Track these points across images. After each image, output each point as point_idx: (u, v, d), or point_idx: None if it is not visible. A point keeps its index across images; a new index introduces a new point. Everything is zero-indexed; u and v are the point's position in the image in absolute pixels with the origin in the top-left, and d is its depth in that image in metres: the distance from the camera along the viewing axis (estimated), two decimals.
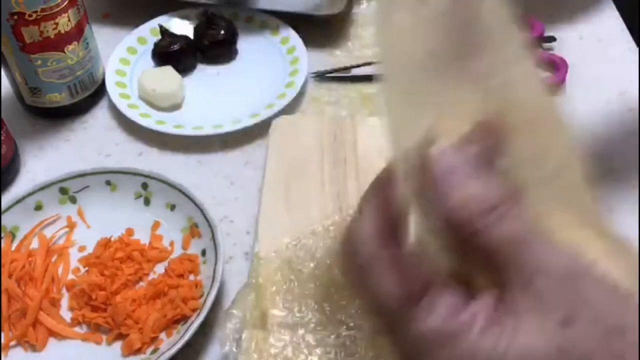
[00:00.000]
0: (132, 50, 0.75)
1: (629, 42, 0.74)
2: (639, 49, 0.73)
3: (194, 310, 0.52)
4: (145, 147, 0.68)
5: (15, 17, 0.61)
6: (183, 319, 0.52)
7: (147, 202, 0.60)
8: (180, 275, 0.55)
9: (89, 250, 0.58)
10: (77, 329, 0.54)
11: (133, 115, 0.68)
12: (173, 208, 0.59)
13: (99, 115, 0.72)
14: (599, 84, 0.69)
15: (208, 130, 0.67)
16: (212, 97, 0.72)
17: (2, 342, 0.53)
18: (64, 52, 0.66)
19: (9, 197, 0.61)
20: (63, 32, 0.64)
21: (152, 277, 0.56)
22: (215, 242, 0.55)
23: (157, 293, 0.54)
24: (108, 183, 0.61)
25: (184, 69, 0.74)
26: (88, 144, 0.69)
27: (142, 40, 0.76)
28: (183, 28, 0.77)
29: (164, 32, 0.75)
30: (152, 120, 0.68)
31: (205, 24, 0.75)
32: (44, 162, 0.68)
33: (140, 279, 0.56)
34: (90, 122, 0.71)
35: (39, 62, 0.65)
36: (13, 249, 0.58)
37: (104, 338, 0.53)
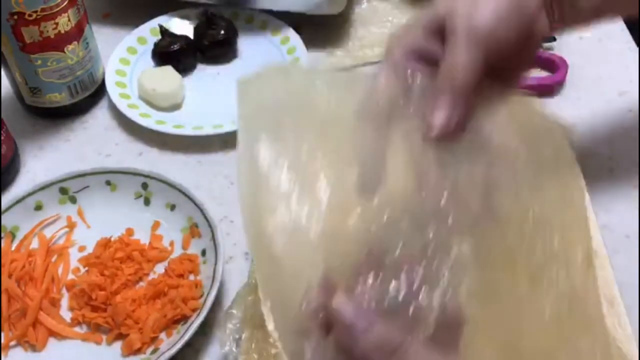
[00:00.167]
0: (132, 50, 0.75)
1: (629, 42, 0.74)
2: (639, 49, 0.73)
3: (194, 310, 0.52)
4: (145, 147, 0.68)
5: (15, 17, 0.61)
6: (183, 319, 0.52)
7: (147, 202, 0.60)
8: (180, 275, 0.55)
9: (89, 250, 0.58)
10: (77, 329, 0.54)
11: (133, 115, 0.68)
12: (173, 208, 0.59)
13: (99, 115, 0.72)
14: (599, 84, 0.69)
15: (208, 130, 0.67)
16: (212, 97, 0.72)
17: (2, 342, 0.53)
18: (64, 52, 0.66)
19: (9, 197, 0.61)
20: (63, 32, 0.64)
21: (152, 277, 0.56)
22: (215, 242, 0.55)
23: (157, 293, 0.54)
24: (108, 183, 0.61)
25: (184, 69, 0.74)
26: (88, 144, 0.69)
27: (142, 40, 0.76)
28: (183, 28, 0.77)
29: (164, 32, 0.75)
30: (152, 120, 0.68)
31: (205, 24, 0.75)
32: (44, 162, 0.68)
33: (140, 279, 0.56)
34: (90, 122, 0.71)
35: (39, 62, 0.65)
36: (13, 249, 0.58)
37: (104, 338, 0.53)
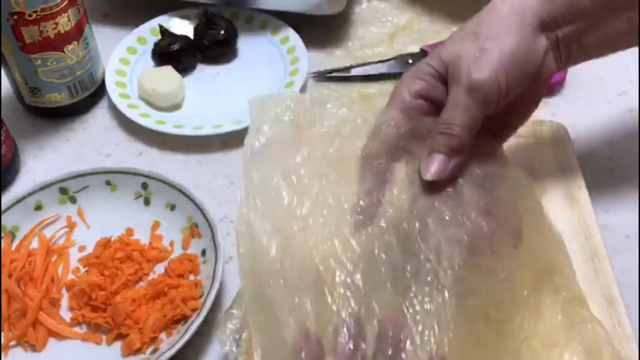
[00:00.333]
0: (132, 50, 0.75)
1: None
2: (639, 49, 0.73)
3: (194, 310, 0.52)
4: (145, 147, 0.68)
5: (15, 17, 0.61)
6: (183, 319, 0.52)
7: (147, 202, 0.60)
8: (180, 275, 0.55)
9: (89, 250, 0.58)
10: (77, 329, 0.54)
11: (133, 115, 0.68)
12: (173, 208, 0.59)
13: (99, 115, 0.72)
14: (599, 84, 0.69)
15: (208, 130, 0.67)
16: (212, 97, 0.72)
17: (2, 342, 0.53)
18: (64, 52, 0.66)
19: (9, 197, 0.62)
20: (63, 32, 0.64)
21: (152, 277, 0.56)
22: (215, 242, 0.55)
23: (157, 293, 0.54)
24: (108, 183, 0.61)
25: (184, 69, 0.74)
26: (88, 144, 0.69)
27: (142, 40, 0.76)
28: (183, 28, 0.77)
29: (164, 32, 0.75)
30: (152, 120, 0.68)
31: (205, 24, 0.75)
32: (44, 162, 0.68)
33: (140, 279, 0.56)
34: (90, 122, 0.71)
35: (39, 62, 0.65)
36: (13, 249, 0.58)
37: (104, 338, 0.53)
